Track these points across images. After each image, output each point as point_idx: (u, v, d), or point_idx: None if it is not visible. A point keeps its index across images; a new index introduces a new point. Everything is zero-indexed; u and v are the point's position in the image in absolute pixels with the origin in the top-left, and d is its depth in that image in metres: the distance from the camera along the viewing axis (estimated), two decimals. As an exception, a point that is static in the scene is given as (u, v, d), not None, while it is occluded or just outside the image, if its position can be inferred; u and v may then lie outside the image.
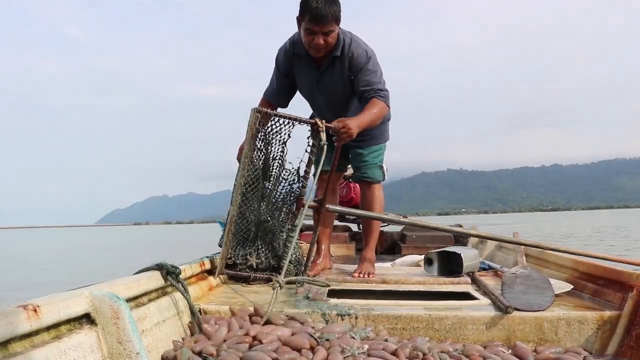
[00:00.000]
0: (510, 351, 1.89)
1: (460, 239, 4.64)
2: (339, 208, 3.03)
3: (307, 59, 2.91)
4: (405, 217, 5.60)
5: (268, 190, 2.73)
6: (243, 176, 2.54)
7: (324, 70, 2.91)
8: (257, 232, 2.80)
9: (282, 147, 2.65)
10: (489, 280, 2.80)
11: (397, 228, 5.32)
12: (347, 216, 4.79)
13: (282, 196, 2.78)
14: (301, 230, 5.47)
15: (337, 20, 2.73)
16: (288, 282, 2.39)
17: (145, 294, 1.83)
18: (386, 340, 1.85)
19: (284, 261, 2.44)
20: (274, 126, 2.57)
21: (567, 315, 2.04)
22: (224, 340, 1.78)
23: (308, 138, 2.61)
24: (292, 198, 2.77)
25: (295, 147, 2.64)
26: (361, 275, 2.91)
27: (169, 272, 1.99)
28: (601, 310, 2.09)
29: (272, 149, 2.64)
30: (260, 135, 2.56)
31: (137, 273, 1.93)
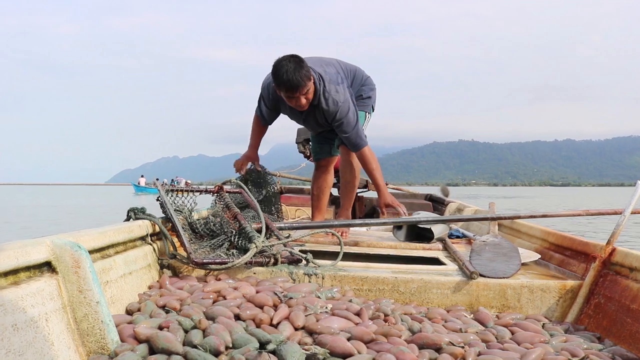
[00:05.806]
0: (472, 316, 1.92)
1: (438, 207, 4.67)
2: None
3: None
4: (387, 184, 5.61)
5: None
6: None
7: (307, 115, 3.07)
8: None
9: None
10: (460, 248, 2.82)
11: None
12: None
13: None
14: (283, 192, 5.48)
15: (309, 78, 2.80)
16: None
17: (112, 245, 1.82)
18: (350, 300, 1.87)
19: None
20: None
21: (530, 283, 2.07)
22: (189, 295, 1.80)
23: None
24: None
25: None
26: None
27: (132, 210, 2.21)
28: (564, 279, 2.13)
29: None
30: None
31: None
